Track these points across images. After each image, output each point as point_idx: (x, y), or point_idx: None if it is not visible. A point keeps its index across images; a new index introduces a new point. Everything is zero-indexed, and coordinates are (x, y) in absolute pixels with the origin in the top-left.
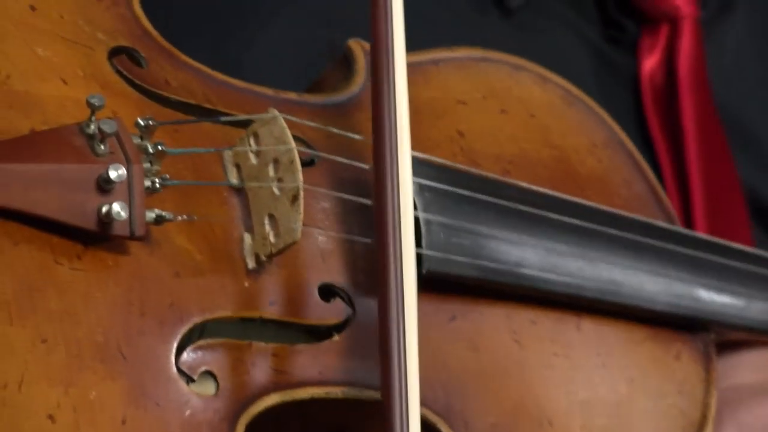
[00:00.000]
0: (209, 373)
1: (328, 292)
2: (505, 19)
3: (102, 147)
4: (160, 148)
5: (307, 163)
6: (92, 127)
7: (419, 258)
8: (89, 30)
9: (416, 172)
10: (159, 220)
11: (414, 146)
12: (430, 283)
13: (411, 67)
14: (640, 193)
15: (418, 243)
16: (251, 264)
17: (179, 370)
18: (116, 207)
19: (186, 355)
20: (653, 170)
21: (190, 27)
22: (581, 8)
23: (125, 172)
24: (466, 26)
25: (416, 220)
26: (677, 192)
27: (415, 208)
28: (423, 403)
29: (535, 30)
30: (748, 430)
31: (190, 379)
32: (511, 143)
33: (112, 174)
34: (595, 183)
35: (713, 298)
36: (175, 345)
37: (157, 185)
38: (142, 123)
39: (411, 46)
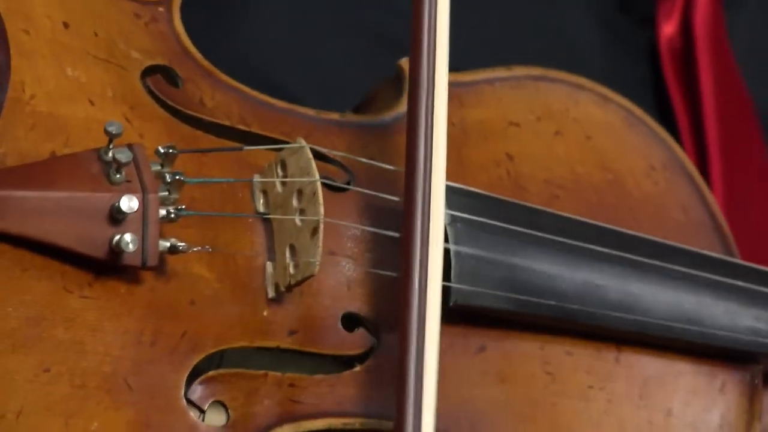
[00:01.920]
0: (220, 404)
1: (352, 321)
2: None
3: (118, 175)
4: (177, 177)
5: (340, 189)
6: (110, 154)
7: (447, 291)
8: (124, 48)
9: (449, 202)
10: (173, 250)
11: (456, 169)
12: (460, 314)
13: (464, 87)
14: (697, 218)
15: (447, 276)
16: (271, 293)
17: (188, 400)
18: (126, 238)
19: (197, 385)
20: (673, 134)
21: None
22: None
23: (137, 203)
24: None
25: (446, 251)
26: (694, 147)
27: (446, 240)
28: None
29: (544, 2)
30: None
31: (200, 410)
32: (563, 166)
33: (124, 205)
34: (649, 206)
35: (765, 329)
36: (185, 375)
37: (173, 215)
38: (162, 151)
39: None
